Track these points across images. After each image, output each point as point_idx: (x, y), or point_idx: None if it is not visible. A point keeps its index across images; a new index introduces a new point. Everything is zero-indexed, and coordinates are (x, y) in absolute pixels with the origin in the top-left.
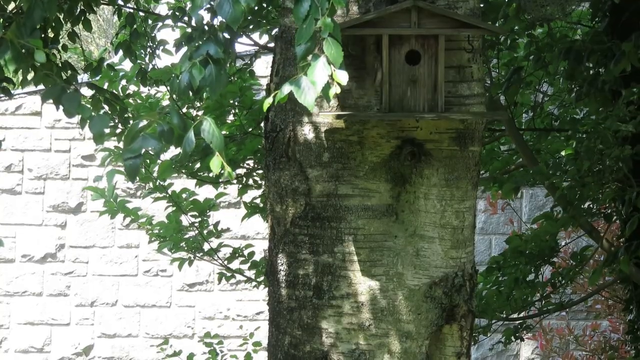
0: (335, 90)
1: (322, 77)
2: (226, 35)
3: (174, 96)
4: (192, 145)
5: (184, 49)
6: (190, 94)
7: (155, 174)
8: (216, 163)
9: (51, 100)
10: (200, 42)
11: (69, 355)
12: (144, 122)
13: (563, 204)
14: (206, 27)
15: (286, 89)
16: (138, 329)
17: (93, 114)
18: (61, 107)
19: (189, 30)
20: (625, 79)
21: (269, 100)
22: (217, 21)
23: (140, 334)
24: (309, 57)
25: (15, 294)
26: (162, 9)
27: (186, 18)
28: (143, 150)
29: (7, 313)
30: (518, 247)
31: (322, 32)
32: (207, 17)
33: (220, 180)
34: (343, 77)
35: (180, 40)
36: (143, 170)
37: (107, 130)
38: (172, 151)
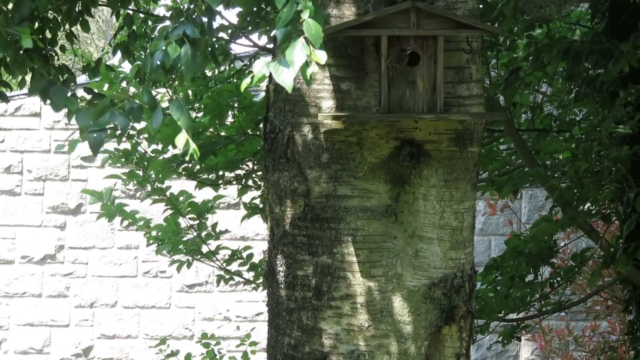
0: (313, 69)
1: (300, 56)
2: (205, 19)
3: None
4: (159, 122)
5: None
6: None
7: (152, 177)
8: (182, 139)
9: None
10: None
11: (69, 356)
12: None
13: (562, 204)
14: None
15: (264, 69)
16: (137, 330)
17: (79, 106)
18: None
19: None
20: (624, 79)
21: (247, 80)
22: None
23: (139, 335)
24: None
25: (15, 295)
26: (161, 11)
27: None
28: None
29: (6, 314)
30: (517, 247)
31: (302, 13)
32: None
33: (220, 182)
34: (322, 56)
35: None
36: (140, 173)
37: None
38: (171, 151)
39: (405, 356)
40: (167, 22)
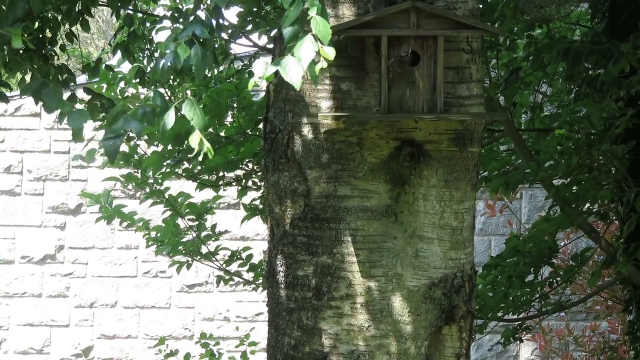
0: (321, 65)
1: (308, 53)
2: (213, 20)
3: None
4: (172, 123)
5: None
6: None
7: (151, 180)
8: (195, 139)
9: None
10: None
11: (69, 356)
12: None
13: (560, 202)
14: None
15: (272, 68)
16: (137, 330)
17: (73, 109)
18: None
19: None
20: (624, 79)
21: (255, 79)
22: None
23: (139, 335)
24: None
25: (15, 295)
26: (161, 11)
27: (183, 20)
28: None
29: (6, 314)
30: (516, 247)
31: (310, 10)
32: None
33: (220, 183)
34: (330, 52)
35: None
36: (139, 175)
37: (86, 126)
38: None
39: (405, 356)
40: (165, 22)
